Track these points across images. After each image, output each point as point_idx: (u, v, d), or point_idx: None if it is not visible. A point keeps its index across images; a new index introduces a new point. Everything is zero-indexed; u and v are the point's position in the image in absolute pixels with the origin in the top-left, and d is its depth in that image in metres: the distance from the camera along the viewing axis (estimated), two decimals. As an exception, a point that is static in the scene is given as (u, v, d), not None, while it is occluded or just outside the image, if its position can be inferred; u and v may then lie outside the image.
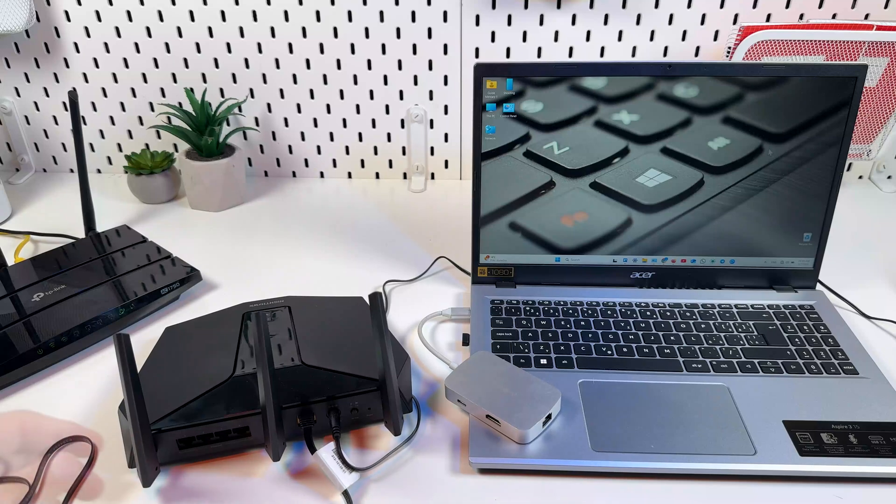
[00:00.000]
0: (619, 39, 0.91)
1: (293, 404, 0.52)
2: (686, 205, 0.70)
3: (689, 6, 0.88)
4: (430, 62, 0.94)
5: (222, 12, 0.91)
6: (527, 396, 0.55)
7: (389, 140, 1.00)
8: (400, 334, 0.68)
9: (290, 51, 0.94)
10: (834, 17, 0.88)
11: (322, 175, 1.04)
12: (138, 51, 0.95)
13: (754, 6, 0.88)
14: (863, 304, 0.71)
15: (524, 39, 0.91)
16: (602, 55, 0.92)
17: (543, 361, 0.62)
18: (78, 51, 0.95)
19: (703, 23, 0.89)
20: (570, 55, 0.92)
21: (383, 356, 0.51)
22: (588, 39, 0.91)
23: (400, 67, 0.94)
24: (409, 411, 0.57)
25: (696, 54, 0.92)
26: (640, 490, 0.51)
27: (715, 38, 0.90)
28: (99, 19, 0.93)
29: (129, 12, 0.92)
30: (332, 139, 1.01)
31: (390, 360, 0.51)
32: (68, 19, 0.93)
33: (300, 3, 0.90)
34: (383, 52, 0.93)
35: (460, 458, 0.54)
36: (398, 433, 0.53)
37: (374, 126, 0.99)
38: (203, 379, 0.53)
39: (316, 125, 1.00)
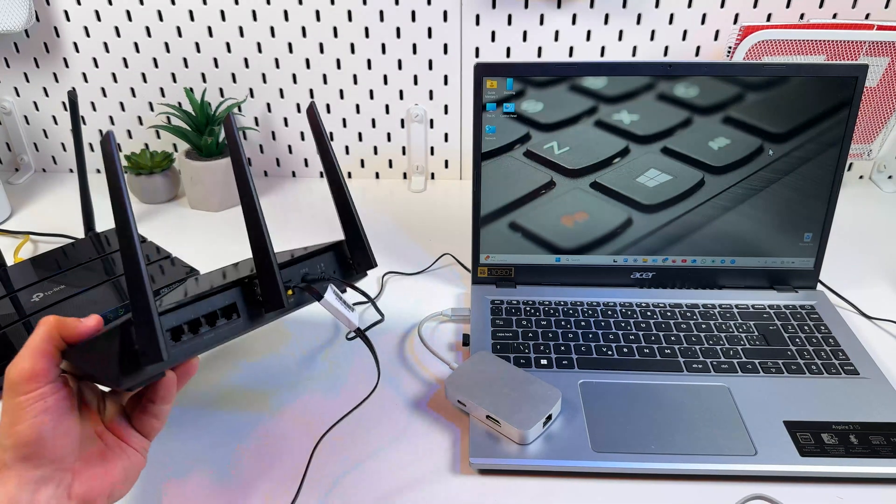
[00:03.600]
0: (620, 39, 0.91)
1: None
2: (686, 205, 0.69)
3: (689, 6, 0.88)
4: (430, 62, 0.94)
5: (222, 12, 0.91)
6: (527, 397, 0.55)
7: (389, 140, 1.00)
8: (400, 334, 0.68)
9: (290, 50, 0.93)
10: (834, 16, 0.88)
11: (322, 175, 1.04)
12: (138, 51, 0.94)
13: (755, 6, 0.88)
14: (863, 305, 0.71)
15: (524, 39, 0.91)
16: (602, 55, 0.92)
17: (544, 362, 0.62)
18: (77, 51, 0.95)
19: (703, 22, 0.89)
20: (571, 55, 0.92)
21: (334, 170, 0.52)
22: (588, 39, 0.91)
23: (400, 67, 0.94)
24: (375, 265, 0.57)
25: (697, 54, 0.92)
26: (640, 490, 0.51)
27: (715, 38, 0.90)
28: (98, 19, 0.92)
29: (128, 12, 0.92)
30: (332, 139, 1.00)
31: (344, 180, 0.53)
32: (68, 19, 0.93)
33: (300, 2, 0.90)
34: (383, 51, 0.93)
35: (460, 458, 0.54)
36: (375, 264, 0.55)
37: (373, 126, 0.99)
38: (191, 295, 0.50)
39: (316, 125, 1.00)
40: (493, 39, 0.91)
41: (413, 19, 0.90)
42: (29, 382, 0.39)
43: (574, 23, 0.90)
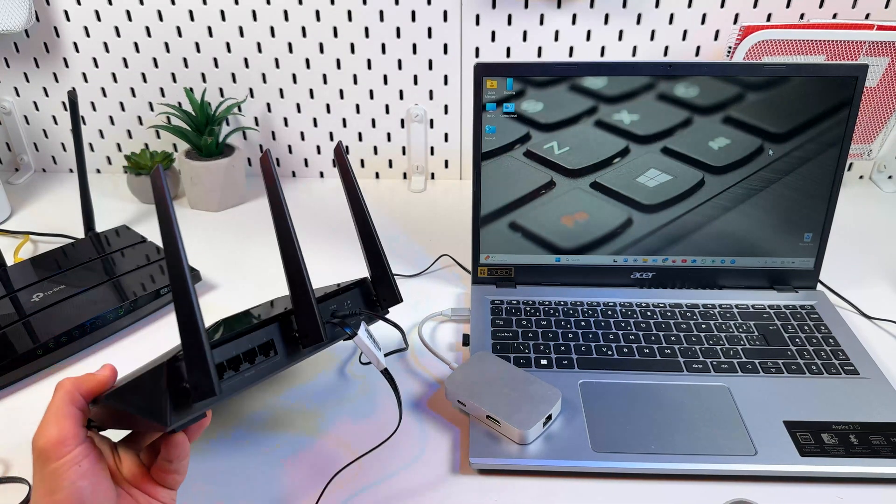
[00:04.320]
0: (620, 39, 0.91)
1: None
2: (686, 205, 0.69)
3: (689, 6, 0.88)
4: (430, 62, 0.94)
5: (222, 12, 0.91)
6: (527, 397, 0.55)
7: (389, 140, 1.00)
8: (400, 334, 0.68)
9: (290, 50, 0.93)
10: (834, 16, 0.88)
11: (322, 175, 1.04)
12: (138, 50, 0.94)
13: (755, 6, 0.88)
14: (863, 305, 0.71)
15: (524, 39, 0.91)
16: (602, 55, 0.92)
17: (544, 362, 0.62)
18: (77, 50, 0.95)
19: (703, 22, 0.89)
20: (571, 55, 0.92)
21: (362, 210, 0.54)
22: (588, 39, 0.91)
23: (400, 67, 0.94)
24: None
25: (697, 54, 0.92)
26: (640, 490, 0.51)
27: (715, 38, 0.90)
28: (98, 19, 0.92)
29: (128, 12, 0.92)
30: (331, 139, 1.00)
31: (371, 218, 0.54)
32: (68, 19, 0.93)
33: (300, 2, 0.90)
34: (383, 51, 0.93)
35: (460, 458, 0.54)
36: (401, 299, 0.55)
37: (373, 126, 0.99)
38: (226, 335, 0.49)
39: (316, 125, 1.00)
40: (493, 39, 0.91)
41: (413, 19, 0.90)
42: (59, 448, 0.39)
43: (574, 23, 0.90)
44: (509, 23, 0.90)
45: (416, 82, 0.95)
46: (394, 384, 0.52)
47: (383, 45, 0.92)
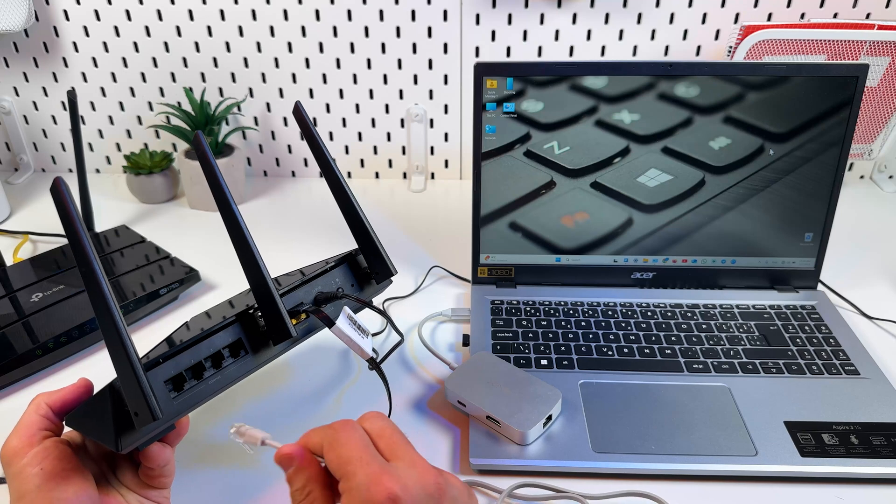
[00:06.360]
0: (620, 39, 0.91)
1: (284, 290, 0.47)
2: (687, 205, 0.69)
3: (689, 5, 0.88)
4: (430, 61, 0.93)
5: (221, 11, 0.91)
6: (527, 397, 0.55)
7: (389, 139, 1.00)
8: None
9: (290, 50, 0.93)
10: (835, 16, 0.88)
11: (322, 175, 1.04)
12: (137, 50, 0.94)
13: (755, 5, 0.88)
14: (864, 305, 0.71)
15: (524, 38, 0.91)
16: (603, 54, 0.92)
17: (544, 362, 0.62)
18: (77, 50, 0.95)
19: (704, 22, 0.89)
20: (571, 54, 0.92)
21: (337, 177, 0.49)
22: (589, 38, 0.91)
23: (400, 67, 0.94)
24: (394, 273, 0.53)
25: (697, 54, 0.91)
26: (640, 491, 0.51)
27: (716, 38, 0.90)
28: (98, 19, 0.92)
29: (127, 12, 0.91)
30: (331, 139, 1.00)
31: (346, 184, 0.50)
32: (67, 19, 0.93)
33: (299, 2, 0.90)
34: (383, 51, 0.93)
35: (460, 458, 0.53)
36: (395, 271, 0.52)
37: (373, 125, 0.99)
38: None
39: (315, 124, 0.99)
40: (493, 39, 0.91)
41: (413, 19, 0.90)
42: (16, 452, 0.40)
43: (574, 22, 0.90)
44: (509, 22, 0.90)
45: (415, 82, 0.95)
46: (382, 374, 0.51)
47: (383, 45, 0.92)
